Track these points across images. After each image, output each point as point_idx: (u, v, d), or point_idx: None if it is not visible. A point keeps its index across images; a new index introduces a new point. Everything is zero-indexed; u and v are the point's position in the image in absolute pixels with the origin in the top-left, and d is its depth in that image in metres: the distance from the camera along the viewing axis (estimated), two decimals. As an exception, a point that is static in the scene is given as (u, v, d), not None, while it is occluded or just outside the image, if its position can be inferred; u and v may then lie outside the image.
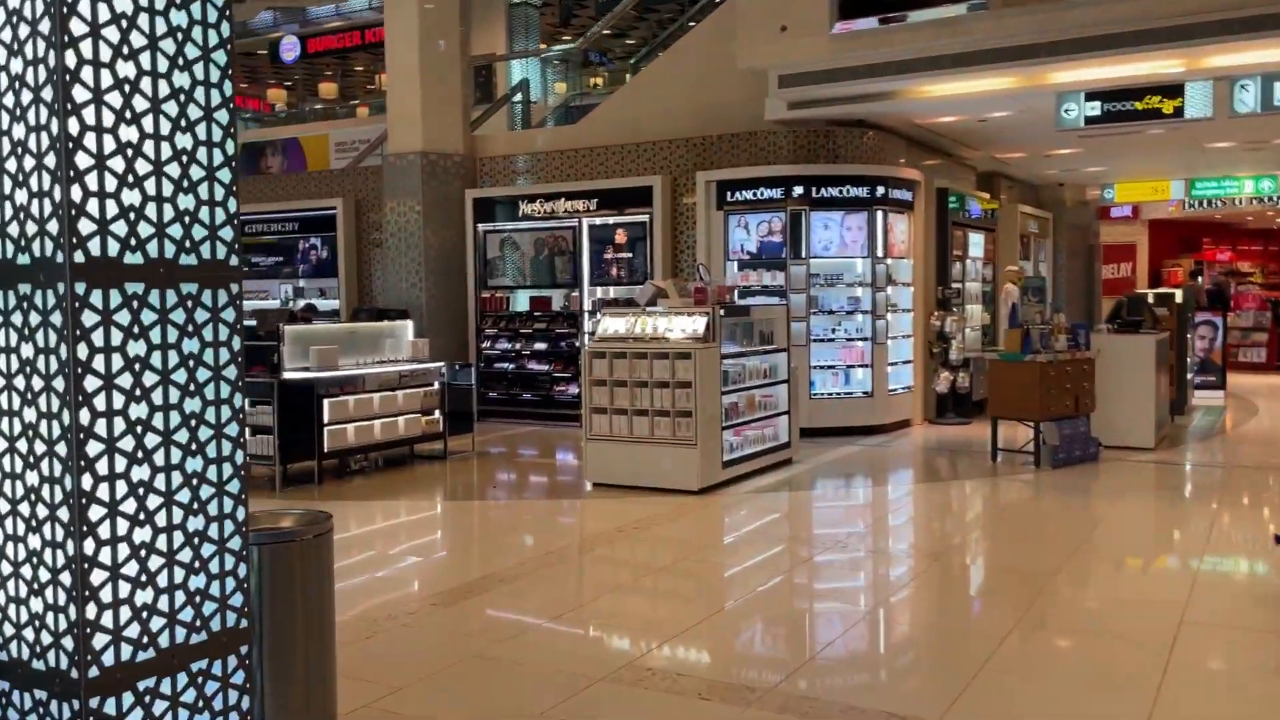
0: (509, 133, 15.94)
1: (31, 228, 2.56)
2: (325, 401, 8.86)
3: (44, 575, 2.58)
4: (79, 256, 2.48)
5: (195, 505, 2.73)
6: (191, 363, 2.71)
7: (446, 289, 13.31)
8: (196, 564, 2.73)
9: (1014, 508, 8.32)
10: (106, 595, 2.53)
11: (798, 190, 11.18)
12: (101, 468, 2.52)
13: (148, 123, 2.62)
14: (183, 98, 2.70)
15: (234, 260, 2.83)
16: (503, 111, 17.43)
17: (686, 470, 8.13)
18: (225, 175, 2.80)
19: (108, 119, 2.54)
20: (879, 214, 11.35)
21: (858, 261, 11.40)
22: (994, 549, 7.11)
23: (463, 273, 13.30)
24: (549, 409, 12.69)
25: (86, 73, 2.50)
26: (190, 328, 2.71)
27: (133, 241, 2.58)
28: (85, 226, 2.50)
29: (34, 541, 2.60)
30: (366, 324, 10.15)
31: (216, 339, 2.78)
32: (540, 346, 12.81)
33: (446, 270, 13.31)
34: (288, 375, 8.83)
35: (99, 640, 2.52)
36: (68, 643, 2.52)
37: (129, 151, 2.58)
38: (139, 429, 2.59)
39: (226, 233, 2.80)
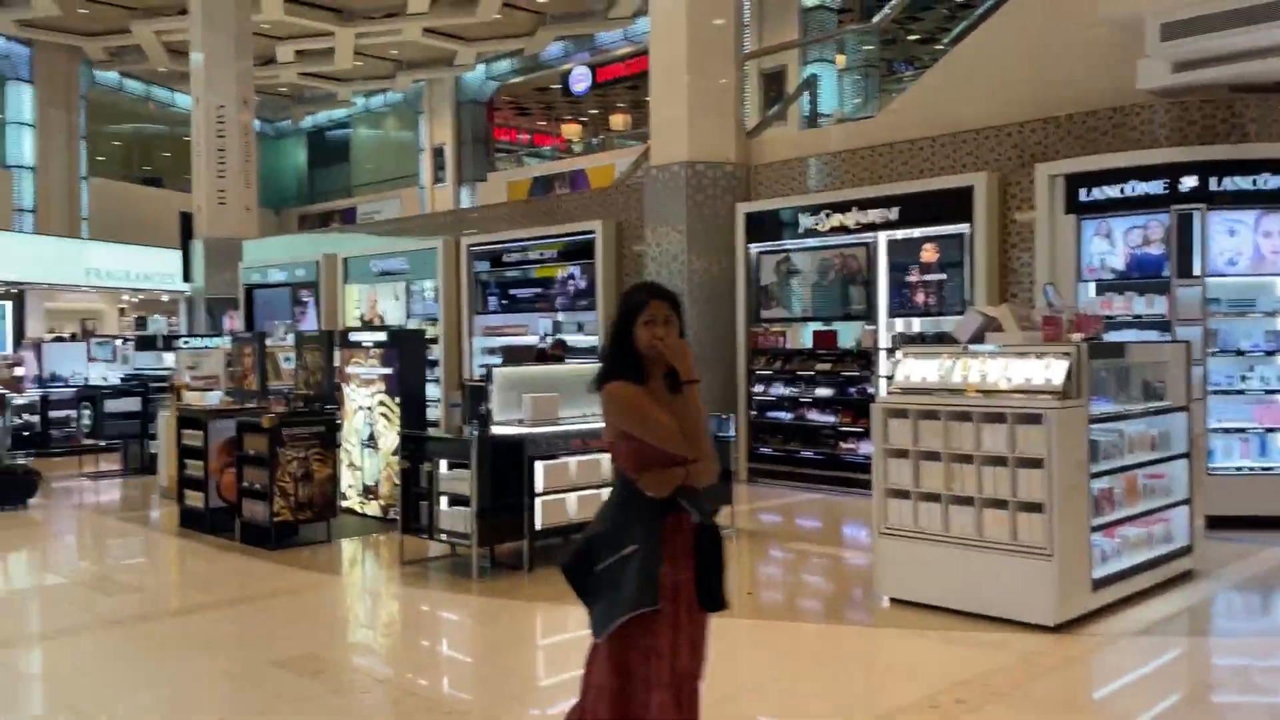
0: (792, 134, 13.62)
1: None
2: (538, 464, 6.91)
3: None
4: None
5: None
6: None
7: (712, 323, 11.16)
8: None
9: None
10: None
11: (1187, 183, 8.01)
12: None
13: None
14: None
15: None
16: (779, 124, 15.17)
17: (1036, 593, 5.36)
18: None
19: None
20: (1315, 212, 7.91)
21: (1280, 281, 8.03)
22: None
23: (730, 303, 11.09)
24: (834, 470, 10.14)
25: None
26: None
27: None
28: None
29: None
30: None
31: None
32: (824, 393, 10.32)
33: (712, 300, 11.17)
34: (495, 430, 6.98)
35: None
36: None
37: None
38: None
39: None
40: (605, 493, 7.56)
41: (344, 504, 9.12)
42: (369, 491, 8.94)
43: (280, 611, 6.03)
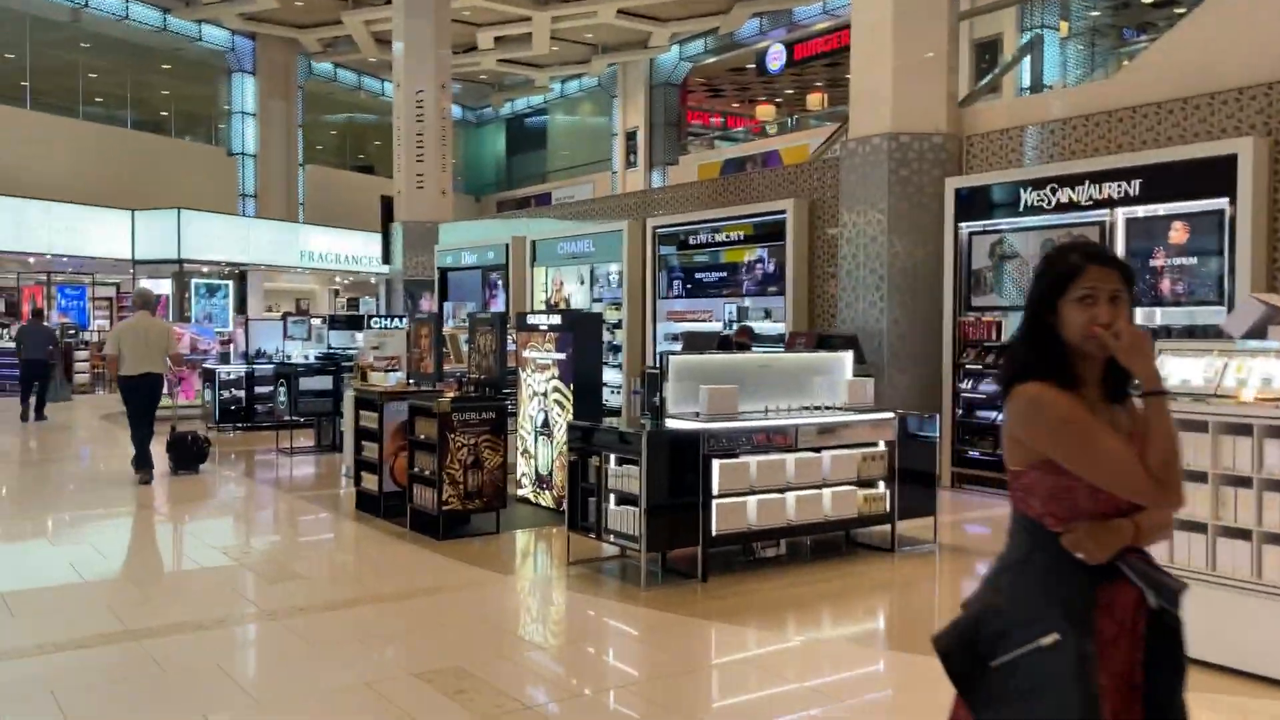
0: (1011, 100, 12.32)
1: None
2: (715, 463, 6.25)
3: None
4: None
5: None
6: None
7: (914, 312, 10.16)
8: None
9: None
10: None
11: None
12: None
13: None
14: None
15: None
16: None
17: (1332, 655, 4.25)
18: None
19: None
20: None
21: None
22: None
23: (935, 290, 10.05)
24: (1054, 480, 8.97)
25: None
26: None
27: None
28: None
29: None
30: (790, 355, 7.42)
31: None
32: (1044, 391, 9.14)
33: (915, 287, 10.16)
34: (667, 424, 6.37)
35: None
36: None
37: None
38: None
39: None
40: (790, 497, 6.89)
41: (518, 493, 8.78)
42: (542, 481, 8.55)
43: (436, 612, 5.64)
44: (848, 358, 7.48)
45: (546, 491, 8.49)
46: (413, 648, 5.00)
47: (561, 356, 8.23)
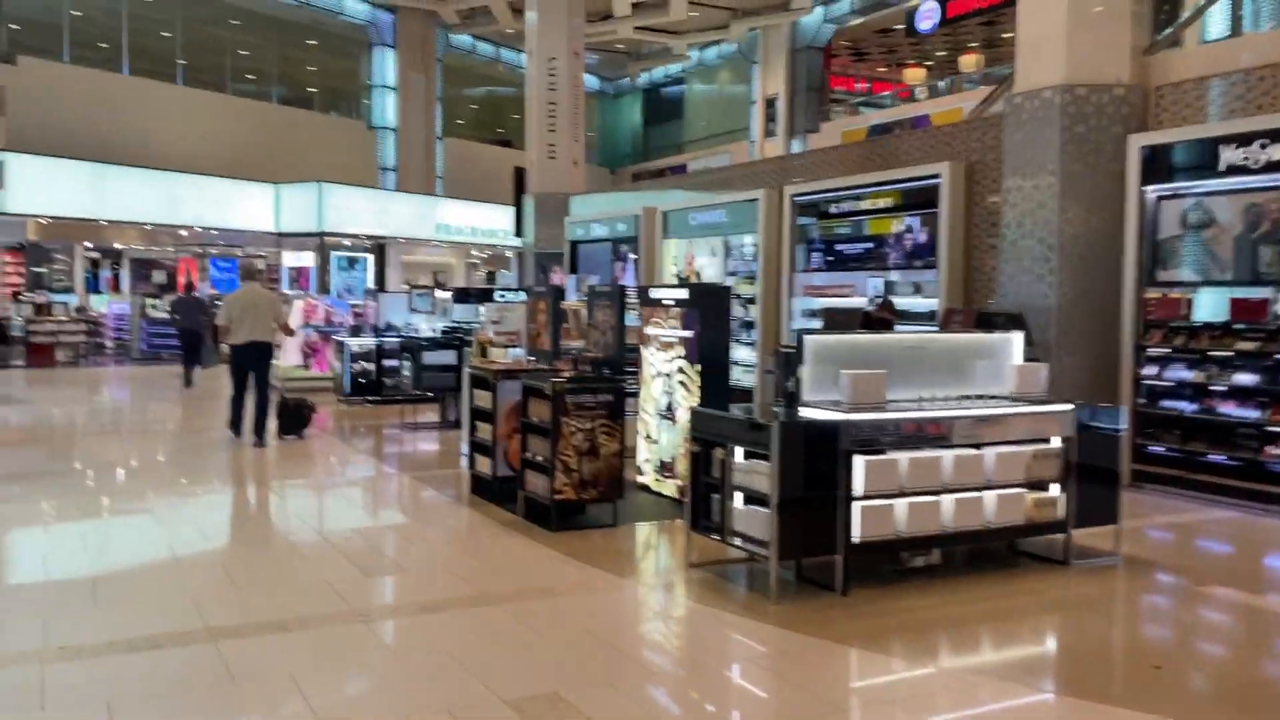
0: (1205, 46, 10.86)
1: None
2: (858, 460, 5.44)
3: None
4: None
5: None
6: None
7: (1088, 288, 9.01)
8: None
9: None
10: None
11: None
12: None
13: None
14: None
15: None
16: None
17: None
18: None
19: None
20: None
21: None
22: None
23: (1114, 263, 8.86)
24: (1256, 482, 7.76)
25: None
26: None
27: None
28: None
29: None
30: (947, 336, 6.51)
31: None
32: (1244, 379, 7.91)
33: (1088, 260, 9.00)
34: (804, 413, 5.58)
35: None
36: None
37: None
38: None
39: None
40: (946, 500, 5.97)
41: (639, 479, 8.14)
42: (665, 469, 7.88)
43: (539, 621, 5.05)
44: (1017, 340, 6.51)
45: (669, 480, 7.83)
46: (508, 666, 4.41)
47: (687, 334, 7.53)
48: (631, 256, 16.32)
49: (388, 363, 14.43)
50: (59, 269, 28.64)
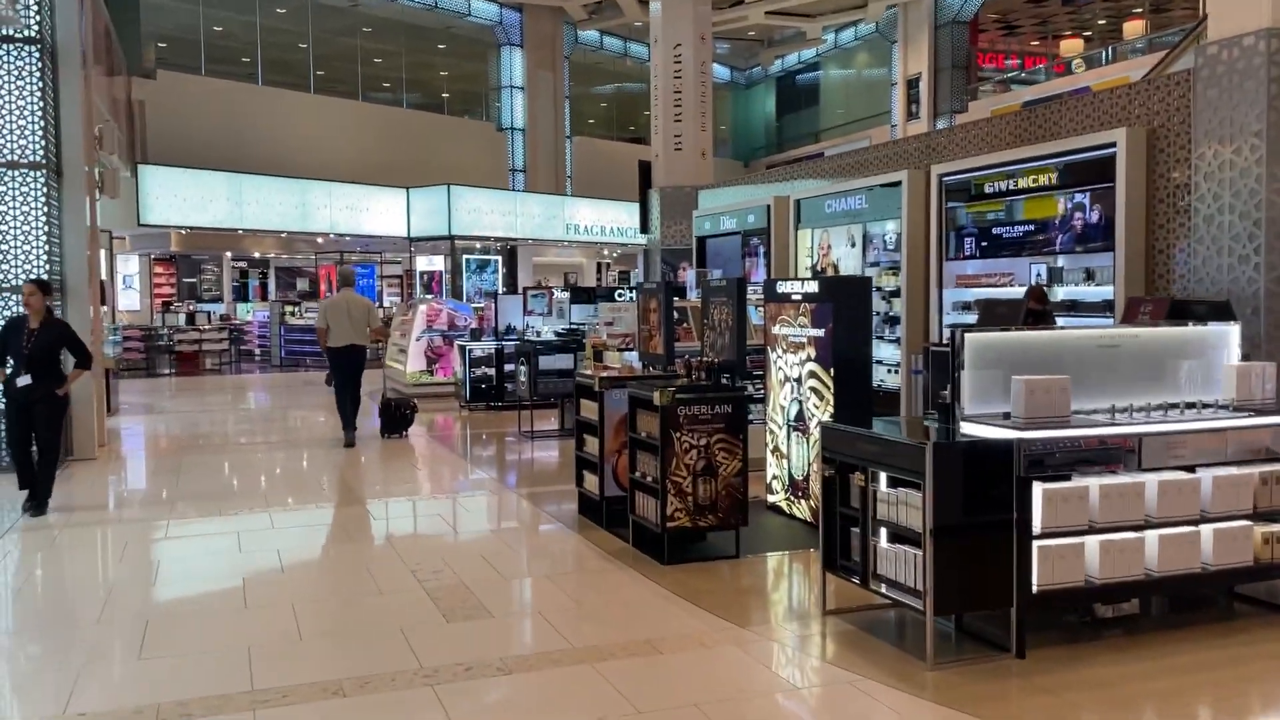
0: None
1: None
2: (1037, 488, 4.34)
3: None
4: None
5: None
6: None
7: (1310, 266, 7.51)
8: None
9: None
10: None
11: None
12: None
13: None
14: None
15: None
16: None
17: None
18: None
19: None
20: None
21: None
22: None
23: (1347, 236, 7.34)
24: None
25: None
26: None
27: None
28: None
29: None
30: (1146, 331, 5.29)
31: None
32: None
33: (1312, 232, 7.50)
34: (965, 430, 4.51)
35: None
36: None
37: None
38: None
39: None
40: (1150, 538, 4.61)
41: (767, 499, 7.18)
42: (796, 488, 6.90)
43: (640, 687, 4.17)
44: (1232, 334, 5.25)
45: (801, 500, 6.83)
46: (593, 750, 3.55)
47: (819, 333, 6.52)
48: (763, 250, 15.30)
49: (508, 367, 13.89)
50: (208, 279, 29.69)
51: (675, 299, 8.46)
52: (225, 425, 13.38)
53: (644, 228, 19.54)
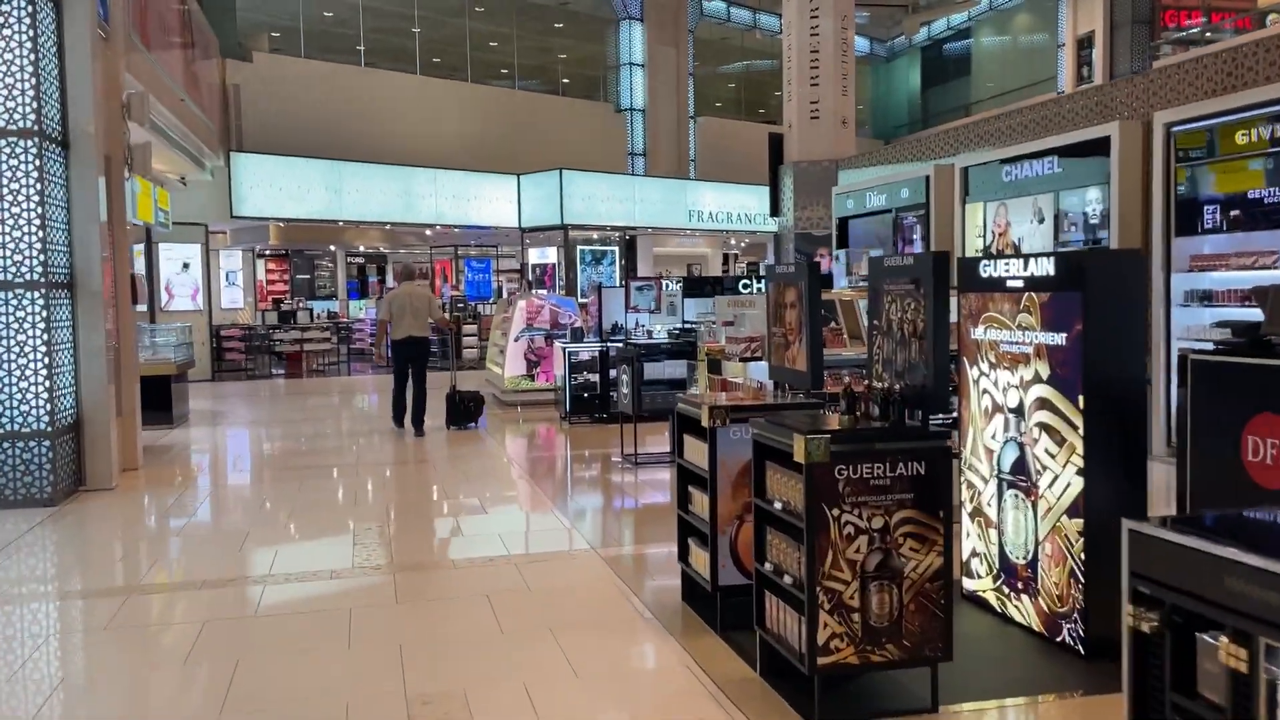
0: None
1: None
2: None
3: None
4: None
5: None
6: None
7: None
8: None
9: None
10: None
11: None
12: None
13: None
14: None
15: None
16: None
17: None
18: None
19: None
20: None
21: None
22: None
23: None
24: None
25: None
26: None
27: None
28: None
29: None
30: None
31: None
32: None
33: None
34: None
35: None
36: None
37: None
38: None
39: None
40: None
41: (964, 583, 4.79)
42: (1015, 577, 4.48)
43: None
44: None
45: (1023, 597, 4.42)
46: None
47: (1058, 339, 4.10)
48: (919, 230, 12.72)
49: (612, 373, 11.78)
50: (323, 274, 28.67)
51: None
52: (287, 437, 11.70)
53: (774, 210, 17.11)
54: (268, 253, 25.91)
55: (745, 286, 9.15)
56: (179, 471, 9.47)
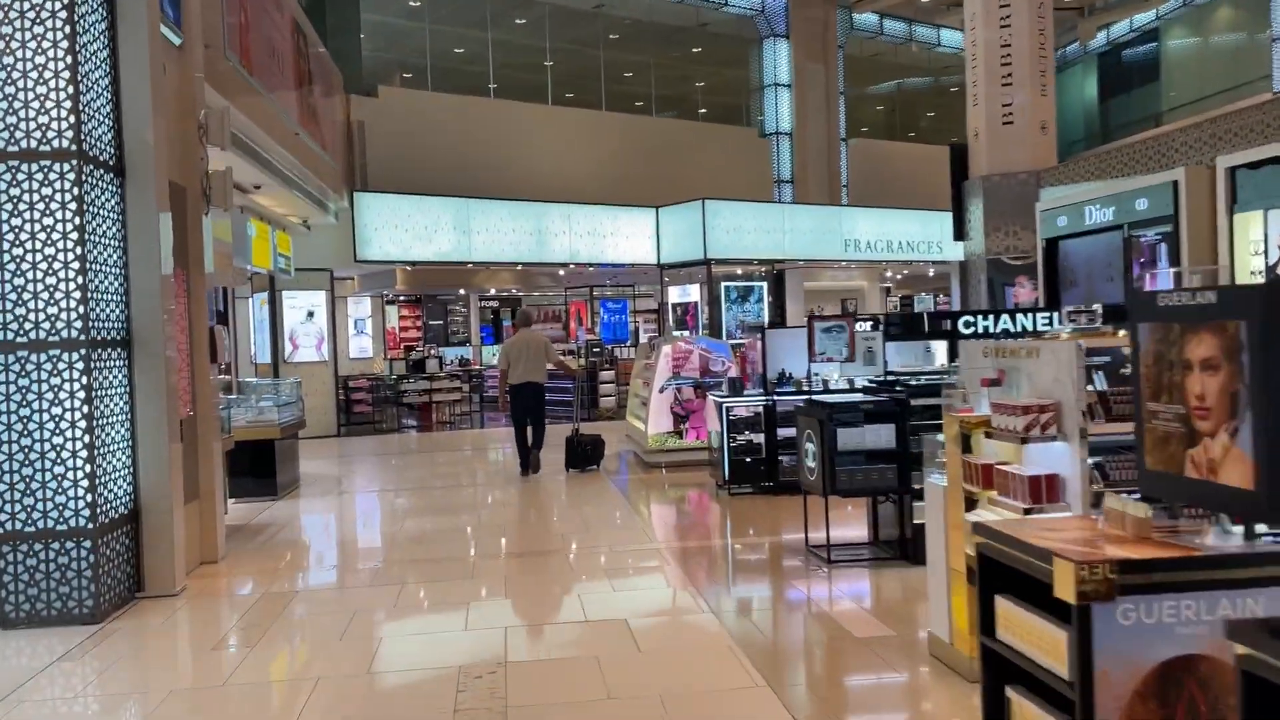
0: None
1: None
2: None
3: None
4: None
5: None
6: None
7: None
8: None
9: None
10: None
11: None
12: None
13: None
14: None
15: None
16: None
17: None
18: None
19: None
20: None
21: None
22: None
23: None
24: None
25: None
26: None
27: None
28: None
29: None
30: None
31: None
32: None
33: None
34: None
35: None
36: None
37: None
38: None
39: None
40: None
41: None
42: None
43: None
44: None
45: None
46: None
47: None
48: (1165, 249, 10.19)
49: (782, 432, 9.65)
50: (456, 320, 27.55)
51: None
52: (407, 512, 10.01)
53: (958, 233, 14.70)
54: (400, 298, 24.92)
55: (992, 331, 6.92)
56: (268, 563, 7.81)
